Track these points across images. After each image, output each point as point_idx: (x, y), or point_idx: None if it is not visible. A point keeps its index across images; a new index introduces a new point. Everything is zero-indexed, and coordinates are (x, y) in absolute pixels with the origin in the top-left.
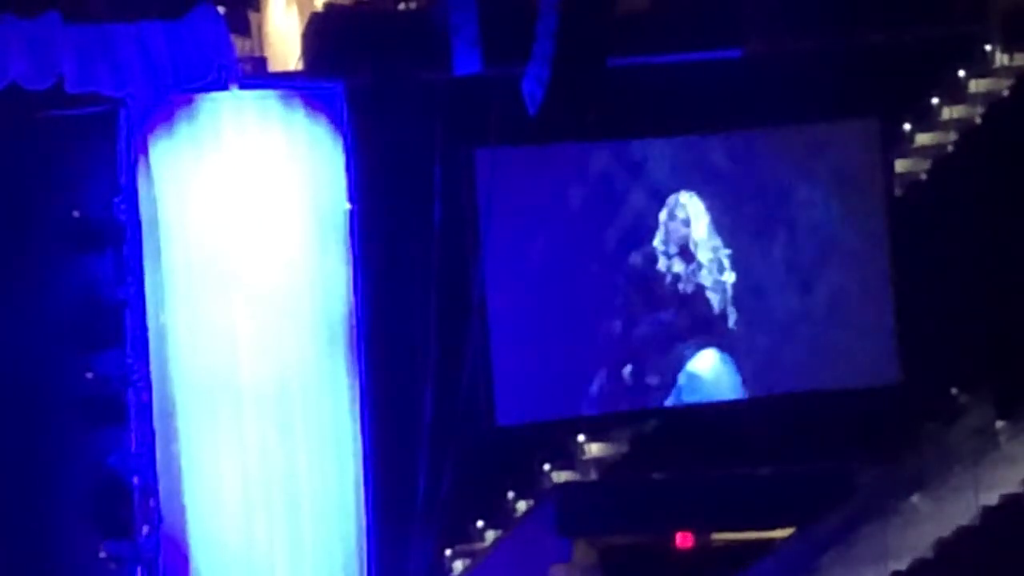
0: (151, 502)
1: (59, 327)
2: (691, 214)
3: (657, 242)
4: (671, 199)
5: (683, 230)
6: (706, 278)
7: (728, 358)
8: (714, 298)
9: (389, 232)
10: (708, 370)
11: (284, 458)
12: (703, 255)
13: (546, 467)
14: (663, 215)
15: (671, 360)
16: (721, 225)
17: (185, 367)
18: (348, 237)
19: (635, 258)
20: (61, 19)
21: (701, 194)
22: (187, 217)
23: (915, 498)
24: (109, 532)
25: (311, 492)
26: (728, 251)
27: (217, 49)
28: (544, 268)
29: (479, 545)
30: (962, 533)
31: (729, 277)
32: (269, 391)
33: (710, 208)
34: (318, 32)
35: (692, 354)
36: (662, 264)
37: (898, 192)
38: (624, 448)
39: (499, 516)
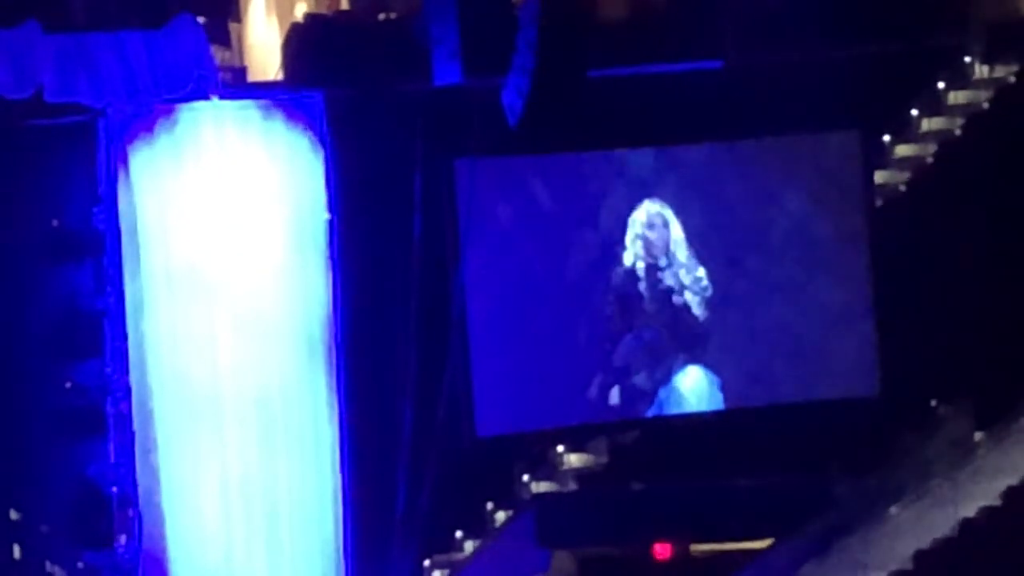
0: (130, 513)
1: (38, 337)
2: (669, 223)
3: (636, 252)
4: (647, 209)
5: (661, 240)
6: (685, 289)
7: (709, 371)
8: (693, 308)
9: (369, 243)
10: (691, 385)
11: (263, 468)
12: (682, 265)
13: (525, 478)
14: (641, 226)
15: (652, 372)
16: (701, 236)
17: (164, 377)
18: (328, 248)
19: (615, 269)
20: (40, 29)
21: (682, 205)
22: (166, 227)
23: (894, 510)
24: (87, 543)
25: (290, 502)
26: (707, 262)
27: (197, 59)
28: (524, 279)
29: (458, 555)
30: (941, 545)
31: (708, 288)
32: (249, 402)
33: (691, 219)
34: (298, 42)
35: (673, 367)
36: (642, 275)
37: (878, 203)
38: (603, 459)
39: (478, 526)
